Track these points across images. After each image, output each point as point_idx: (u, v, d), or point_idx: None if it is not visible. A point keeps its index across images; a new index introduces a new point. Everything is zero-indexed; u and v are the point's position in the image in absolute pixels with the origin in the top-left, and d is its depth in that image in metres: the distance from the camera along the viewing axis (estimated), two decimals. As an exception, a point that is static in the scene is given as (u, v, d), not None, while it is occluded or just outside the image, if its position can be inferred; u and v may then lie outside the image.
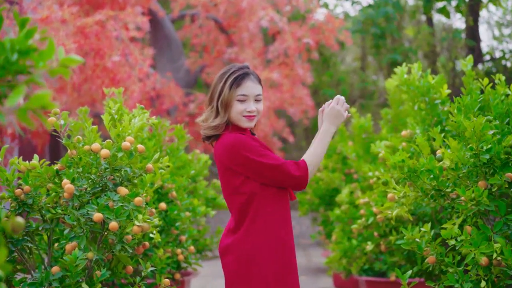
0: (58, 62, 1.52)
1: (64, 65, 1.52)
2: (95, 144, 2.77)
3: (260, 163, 2.43)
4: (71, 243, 2.78)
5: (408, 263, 4.21)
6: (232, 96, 2.51)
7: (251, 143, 2.46)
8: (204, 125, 2.55)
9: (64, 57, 1.52)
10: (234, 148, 2.45)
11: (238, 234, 2.47)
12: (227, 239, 2.50)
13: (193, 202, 4.37)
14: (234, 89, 2.51)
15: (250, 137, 2.50)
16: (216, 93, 2.54)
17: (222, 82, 2.53)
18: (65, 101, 8.23)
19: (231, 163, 2.46)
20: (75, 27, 7.54)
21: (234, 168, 2.47)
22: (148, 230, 2.68)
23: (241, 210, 2.47)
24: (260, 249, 2.44)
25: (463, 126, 2.89)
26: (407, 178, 2.99)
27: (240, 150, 2.44)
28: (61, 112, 2.87)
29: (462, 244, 2.76)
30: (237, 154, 2.44)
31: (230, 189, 2.50)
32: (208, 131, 2.54)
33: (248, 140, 2.47)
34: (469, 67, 3.87)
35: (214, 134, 2.54)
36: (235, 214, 2.50)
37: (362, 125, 6.03)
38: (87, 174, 2.84)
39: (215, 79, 2.59)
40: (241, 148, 2.44)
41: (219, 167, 2.53)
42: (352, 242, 5.17)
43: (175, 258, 3.98)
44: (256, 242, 2.45)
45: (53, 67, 1.52)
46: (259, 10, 9.51)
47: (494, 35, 15.74)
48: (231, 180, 2.49)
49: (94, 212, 2.61)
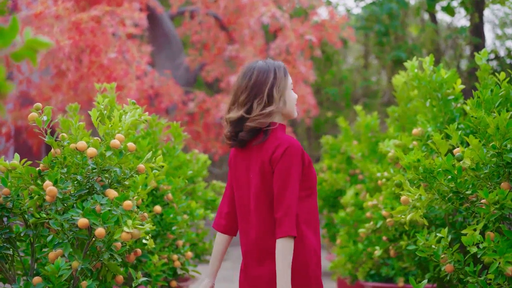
0: (24, 45, 1.28)
1: (30, 48, 1.28)
2: (81, 142, 2.52)
3: (290, 187, 2.31)
4: (55, 251, 2.54)
5: (419, 269, 3.97)
6: (286, 84, 2.46)
7: (300, 162, 2.36)
8: (253, 115, 2.38)
9: (31, 38, 1.27)
10: (291, 155, 2.34)
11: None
12: (271, 241, 2.35)
13: (190, 205, 4.12)
14: (287, 77, 2.48)
15: (303, 152, 2.40)
16: (267, 83, 2.41)
17: (273, 72, 2.43)
18: (61, 100, 7.99)
19: (276, 163, 2.34)
20: (70, 23, 7.29)
21: (271, 170, 2.36)
22: (139, 237, 2.43)
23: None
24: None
25: (484, 122, 2.64)
26: (423, 179, 2.74)
27: (292, 159, 2.33)
28: (44, 107, 2.62)
29: (485, 252, 2.51)
30: (287, 161, 2.33)
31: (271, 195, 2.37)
32: (260, 119, 2.37)
33: (302, 156, 2.37)
34: (484, 61, 3.63)
35: (259, 126, 2.38)
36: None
37: (368, 123, 5.77)
38: (72, 175, 2.59)
39: (256, 71, 2.44)
40: (293, 158, 2.34)
41: (263, 169, 2.37)
42: (358, 246, 4.93)
43: (171, 265, 3.72)
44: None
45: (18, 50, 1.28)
46: (260, 6, 9.25)
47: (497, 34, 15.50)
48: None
49: (78, 217, 2.36)
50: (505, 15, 15.35)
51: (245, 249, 2.46)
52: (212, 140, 10.23)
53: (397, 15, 12.48)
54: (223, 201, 2.58)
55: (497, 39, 15.39)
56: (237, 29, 9.85)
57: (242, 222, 2.47)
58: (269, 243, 2.37)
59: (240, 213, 2.47)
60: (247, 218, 2.44)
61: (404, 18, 13.76)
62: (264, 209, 2.38)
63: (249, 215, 2.43)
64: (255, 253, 2.41)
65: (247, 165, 2.44)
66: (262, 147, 2.39)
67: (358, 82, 14.64)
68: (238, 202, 2.48)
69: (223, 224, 2.56)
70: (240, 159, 2.47)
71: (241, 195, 2.46)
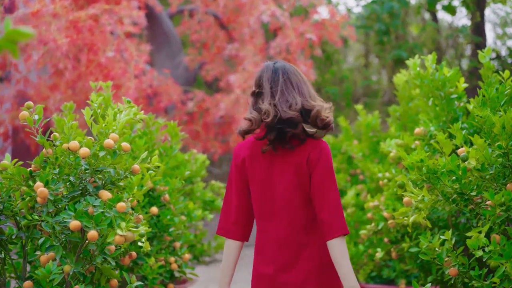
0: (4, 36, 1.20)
1: (10, 39, 1.20)
2: (73, 142, 2.43)
3: (334, 186, 2.34)
4: (47, 254, 2.46)
5: (421, 272, 3.89)
6: None
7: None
8: (322, 107, 2.35)
9: (11, 29, 1.19)
10: (327, 155, 2.36)
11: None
12: (306, 236, 2.35)
13: (188, 206, 4.04)
14: None
15: None
16: (307, 82, 2.43)
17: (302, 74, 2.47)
18: (59, 99, 7.90)
19: (315, 165, 2.33)
20: (68, 21, 7.21)
21: (308, 171, 2.35)
22: (133, 240, 2.35)
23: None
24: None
25: (490, 121, 2.55)
26: (426, 180, 2.65)
27: (328, 159, 2.37)
28: (36, 105, 2.53)
29: (491, 256, 2.43)
30: (326, 161, 2.34)
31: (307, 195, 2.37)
32: (327, 115, 2.34)
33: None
34: (487, 59, 3.54)
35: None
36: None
37: (369, 123, 5.68)
38: (65, 176, 2.51)
39: (292, 70, 2.44)
40: (329, 158, 2.38)
41: (300, 170, 2.34)
42: (359, 247, 4.85)
43: (168, 267, 3.64)
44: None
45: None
46: (260, 5, 9.16)
47: (497, 34, 15.43)
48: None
49: (70, 219, 2.28)
50: (506, 14, 15.27)
51: (272, 250, 2.37)
52: (212, 140, 10.15)
53: (397, 14, 12.40)
54: (229, 207, 2.45)
55: (497, 39, 15.31)
56: (237, 28, 9.76)
57: (265, 222, 2.40)
58: (301, 241, 2.35)
59: (262, 213, 2.40)
60: (271, 218, 2.39)
61: (404, 17, 13.68)
62: (297, 208, 2.36)
63: (273, 215, 2.38)
64: (287, 252, 2.36)
65: (270, 166, 2.38)
66: (296, 149, 2.36)
67: (358, 81, 14.55)
68: (259, 203, 2.40)
69: (233, 230, 2.43)
70: (261, 161, 2.40)
71: (263, 196, 2.39)
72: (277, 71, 2.41)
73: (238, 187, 2.42)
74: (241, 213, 2.42)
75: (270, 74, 2.41)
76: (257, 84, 2.43)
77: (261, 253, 2.41)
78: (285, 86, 2.37)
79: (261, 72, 2.45)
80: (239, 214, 2.42)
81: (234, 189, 2.43)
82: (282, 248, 2.36)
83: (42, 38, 7.11)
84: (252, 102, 2.41)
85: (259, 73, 2.46)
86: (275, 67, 2.42)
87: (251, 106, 2.40)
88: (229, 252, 2.42)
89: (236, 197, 2.42)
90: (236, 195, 2.42)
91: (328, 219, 2.27)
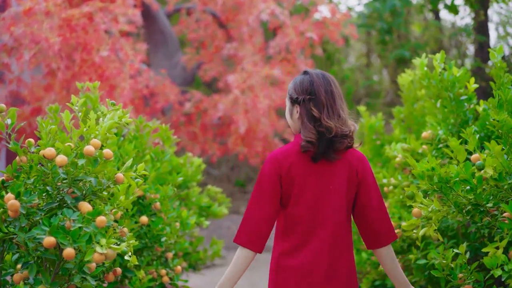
0: None
1: None
2: (49, 149, 2.20)
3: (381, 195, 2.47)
4: (21, 273, 2.23)
5: (429, 284, 3.66)
6: None
7: None
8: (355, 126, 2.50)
9: None
10: (369, 165, 2.50)
11: None
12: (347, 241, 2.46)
13: (181, 214, 3.81)
14: None
15: None
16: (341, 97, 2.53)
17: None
18: (54, 99, 7.68)
19: (364, 174, 2.45)
20: (60, 19, 6.98)
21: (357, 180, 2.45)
22: (114, 257, 2.12)
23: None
24: None
25: (508, 125, 2.32)
26: (437, 190, 2.42)
27: (370, 169, 2.50)
28: (8, 109, 2.30)
29: (510, 275, 2.20)
30: (371, 171, 2.49)
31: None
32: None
33: None
34: (499, 58, 3.31)
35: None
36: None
37: (373, 125, 5.44)
38: (42, 186, 2.28)
39: (335, 80, 2.55)
40: (370, 168, 2.52)
41: (350, 178, 2.43)
42: (362, 255, 4.62)
43: (159, 280, 3.41)
44: None
45: None
46: (259, 3, 8.92)
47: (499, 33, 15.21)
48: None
49: (44, 235, 2.05)
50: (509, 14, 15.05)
51: (311, 256, 2.38)
52: (210, 141, 9.91)
53: (400, 12, 12.18)
54: (256, 218, 2.39)
55: (500, 39, 15.09)
56: (236, 26, 9.54)
57: (310, 230, 2.41)
58: (342, 245, 2.42)
59: (310, 221, 2.41)
60: (320, 225, 2.40)
61: (407, 16, 13.46)
62: (342, 215, 2.42)
63: (321, 223, 2.41)
64: (329, 258, 2.40)
65: (321, 174, 2.41)
66: (342, 158, 2.43)
67: (360, 81, 14.32)
68: (310, 211, 2.40)
69: (257, 242, 2.40)
70: (311, 169, 2.42)
71: (316, 203, 2.41)
72: (327, 79, 2.47)
73: (272, 197, 2.40)
74: (270, 226, 2.41)
75: (322, 82, 2.46)
76: (307, 91, 2.43)
77: (300, 260, 2.39)
78: (338, 98, 2.48)
79: (310, 77, 2.46)
80: (268, 227, 2.40)
81: (267, 199, 2.40)
82: (325, 254, 2.38)
83: (34, 37, 6.88)
84: (302, 110, 2.43)
85: (309, 78, 2.46)
86: (323, 75, 2.48)
87: (303, 115, 2.42)
88: (243, 261, 2.40)
89: (269, 208, 2.39)
90: (269, 206, 2.40)
91: (385, 227, 2.41)
